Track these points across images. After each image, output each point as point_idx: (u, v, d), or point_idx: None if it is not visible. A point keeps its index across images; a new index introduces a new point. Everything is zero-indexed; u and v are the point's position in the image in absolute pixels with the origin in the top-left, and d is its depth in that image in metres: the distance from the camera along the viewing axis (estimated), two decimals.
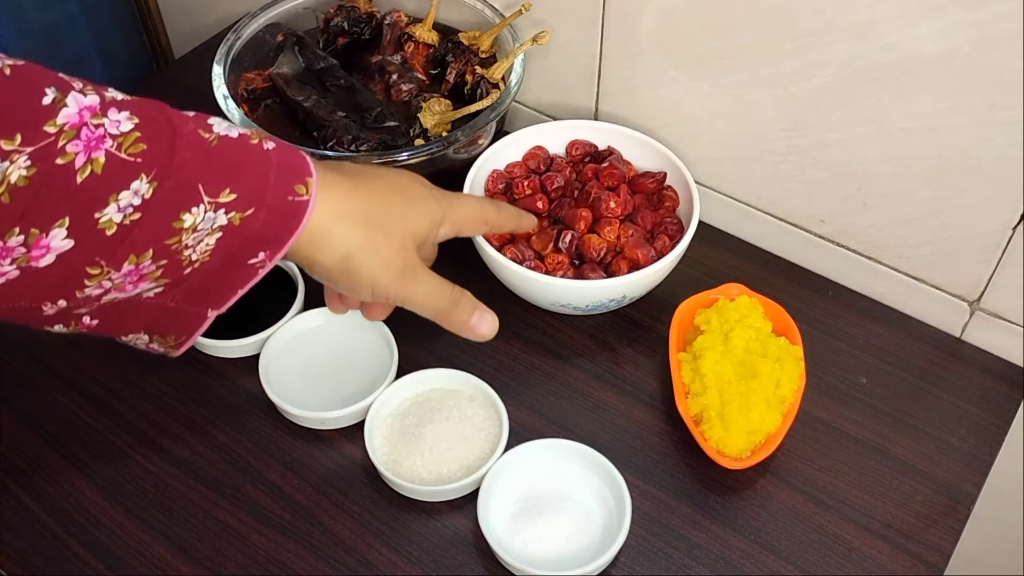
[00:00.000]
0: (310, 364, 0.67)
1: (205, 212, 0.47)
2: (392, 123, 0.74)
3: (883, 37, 0.62)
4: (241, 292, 0.53)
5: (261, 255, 0.51)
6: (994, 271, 0.68)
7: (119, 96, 0.46)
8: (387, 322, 0.68)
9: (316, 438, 0.65)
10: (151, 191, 0.45)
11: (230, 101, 0.72)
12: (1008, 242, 0.66)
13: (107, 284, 0.47)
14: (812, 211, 0.74)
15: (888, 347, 0.71)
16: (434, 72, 0.80)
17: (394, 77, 0.77)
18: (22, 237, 0.43)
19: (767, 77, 0.69)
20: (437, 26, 0.81)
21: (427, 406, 0.65)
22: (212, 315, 0.54)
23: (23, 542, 0.60)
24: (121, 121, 0.45)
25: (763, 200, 0.76)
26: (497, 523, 0.60)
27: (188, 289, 0.51)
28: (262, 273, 0.52)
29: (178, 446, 0.65)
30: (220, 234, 0.49)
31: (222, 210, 0.48)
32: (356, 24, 0.81)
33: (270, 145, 0.51)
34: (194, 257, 0.49)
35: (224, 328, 0.65)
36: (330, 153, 0.70)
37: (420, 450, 0.62)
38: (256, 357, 0.67)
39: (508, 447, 0.62)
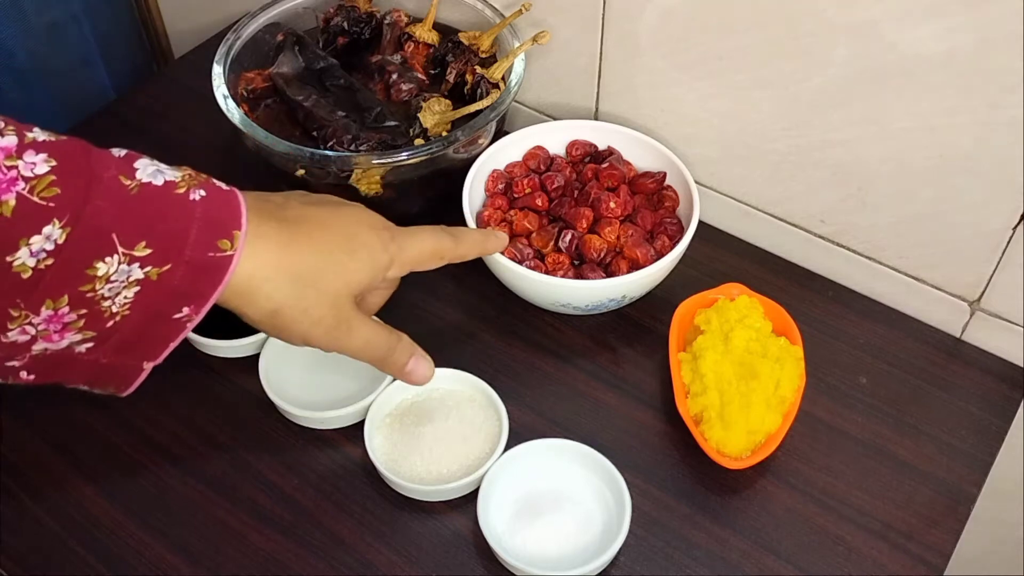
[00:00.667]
0: (310, 364, 0.67)
1: (119, 264, 0.46)
2: (392, 123, 0.74)
3: (883, 37, 0.62)
4: (173, 345, 0.51)
5: (185, 310, 0.50)
6: (994, 271, 0.68)
7: (41, 137, 0.45)
8: (387, 322, 0.68)
9: (316, 438, 0.65)
10: (64, 236, 0.44)
11: (230, 101, 0.72)
12: (1008, 242, 0.66)
13: (31, 331, 0.46)
14: (812, 211, 0.74)
15: (888, 347, 0.71)
16: (434, 72, 0.80)
17: (394, 77, 0.77)
18: None
19: (767, 77, 0.69)
20: (437, 26, 0.81)
21: (427, 406, 0.65)
22: (149, 367, 0.52)
23: (23, 542, 0.60)
24: (37, 163, 0.44)
25: (763, 200, 0.76)
26: (497, 523, 0.60)
27: (117, 344, 0.49)
28: (191, 327, 0.51)
29: (178, 446, 0.65)
30: (138, 288, 0.47)
31: (136, 264, 0.47)
32: (356, 24, 0.81)
33: (198, 194, 0.49)
34: (114, 309, 0.48)
35: (224, 328, 0.65)
36: (330, 153, 0.70)
37: (420, 450, 0.62)
38: (256, 357, 0.67)
39: (508, 447, 0.62)
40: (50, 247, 0.44)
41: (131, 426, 0.66)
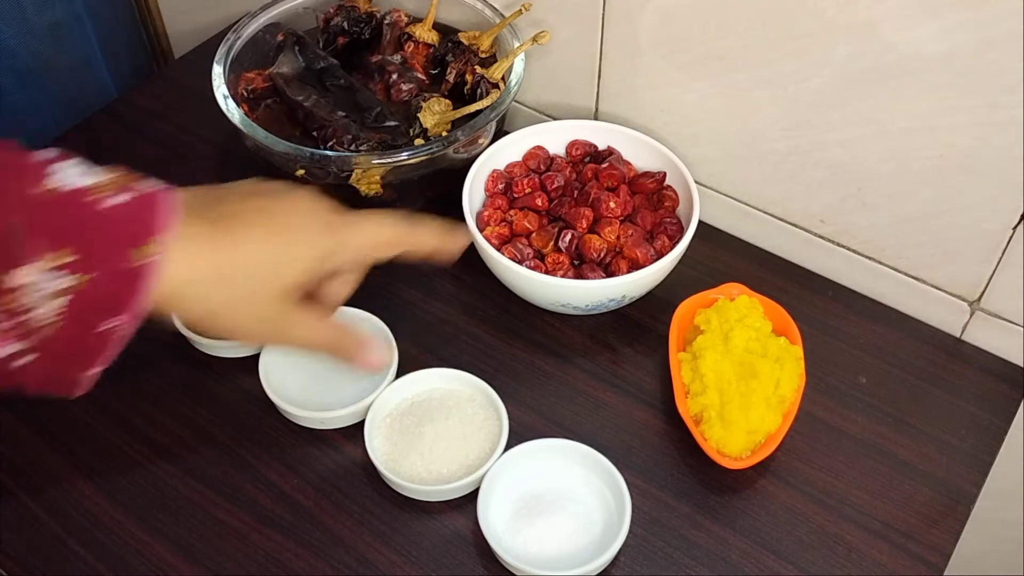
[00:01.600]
0: (310, 364, 0.67)
1: (40, 272, 0.45)
2: (392, 123, 0.74)
3: (883, 37, 0.62)
4: (112, 354, 0.49)
5: (115, 320, 0.47)
6: (994, 271, 0.68)
7: None
8: (387, 322, 0.68)
9: (316, 438, 0.65)
10: None
11: (230, 101, 0.72)
12: (1008, 242, 0.66)
13: None
14: (812, 211, 0.74)
15: (888, 347, 0.71)
16: (434, 72, 0.80)
17: (394, 77, 0.77)
18: None
19: (767, 77, 0.69)
20: (437, 26, 0.81)
21: (427, 406, 0.65)
22: (92, 373, 0.49)
23: (23, 542, 0.60)
24: None
25: (763, 200, 0.76)
26: (497, 523, 0.60)
27: (56, 355, 0.47)
28: (126, 336, 0.48)
29: (178, 446, 0.65)
30: (72, 296, 0.46)
31: (60, 273, 0.45)
32: (356, 24, 0.81)
33: (116, 200, 0.47)
34: (43, 316, 0.46)
35: None
36: (330, 153, 0.70)
37: (420, 450, 0.62)
38: (256, 357, 0.67)
39: (508, 447, 0.62)
40: None
41: (131, 426, 0.66)
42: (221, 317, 0.52)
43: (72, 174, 0.47)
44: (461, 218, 0.69)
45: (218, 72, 0.74)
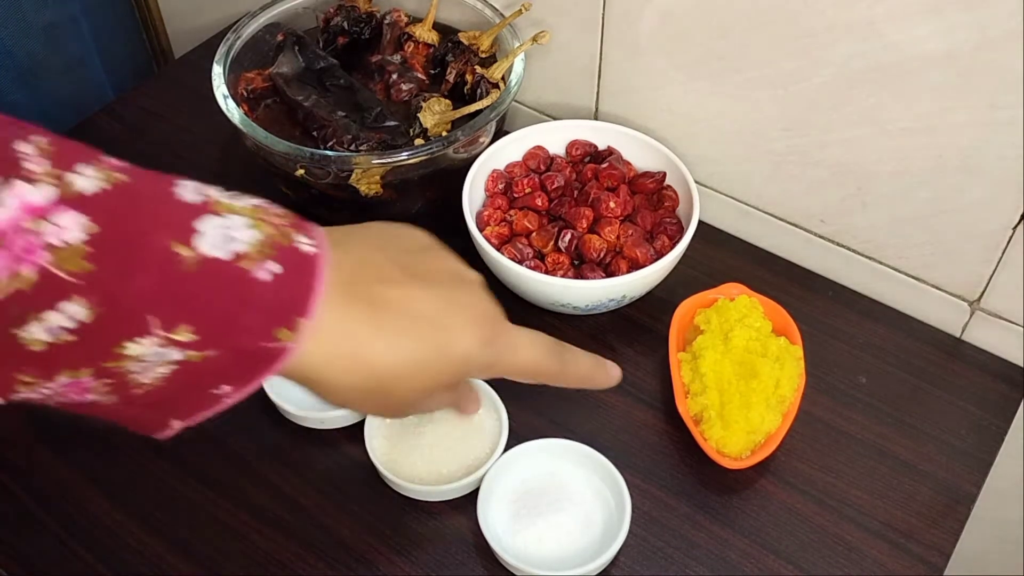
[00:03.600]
0: None
1: (153, 346, 0.38)
2: (392, 123, 0.74)
3: (883, 37, 0.62)
4: (208, 414, 0.44)
5: (226, 388, 0.42)
6: (994, 271, 0.68)
7: (92, 188, 0.37)
8: None
9: (316, 438, 0.65)
10: (90, 316, 0.36)
11: (230, 101, 0.72)
12: (1008, 242, 0.66)
13: (46, 391, 0.39)
14: (812, 211, 0.74)
15: (888, 347, 0.71)
16: (434, 72, 0.80)
17: (394, 77, 0.77)
18: None
19: (767, 77, 0.69)
20: (437, 26, 0.81)
21: None
22: (178, 425, 0.44)
23: (23, 542, 0.60)
24: (70, 228, 0.35)
25: (763, 200, 0.76)
26: (497, 523, 0.60)
27: (147, 403, 0.42)
28: (230, 403, 0.43)
29: (178, 446, 0.64)
30: (177, 367, 0.40)
31: (175, 347, 0.39)
32: (356, 24, 0.81)
33: (270, 271, 0.40)
34: (144, 381, 0.40)
35: None
36: (330, 153, 0.70)
37: (420, 450, 0.62)
38: None
39: (508, 447, 0.62)
40: (71, 325, 0.36)
41: None
42: (348, 404, 0.47)
43: (218, 237, 0.39)
44: (461, 218, 0.69)
45: (218, 72, 0.74)
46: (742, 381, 0.63)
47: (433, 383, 0.47)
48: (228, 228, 0.40)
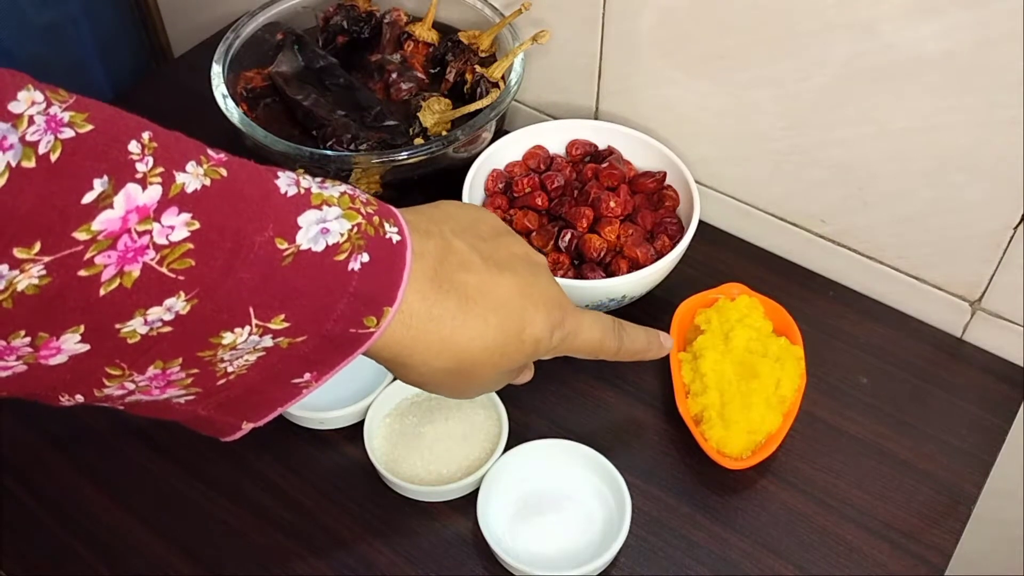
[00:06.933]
0: None
1: (250, 335, 0.40)
2: (392, 122, 0.74)
3: (883, 37, 0.62)
4: (281, 410, 0.46)
5: (307, 376, 0.44)
6: (995, 271, 0.68)
7: (194, 185, 0.38)
8: None
9: (316, 438, 0.65)
10: (188, 308, 0.38)
11: (229, 100, 0.72)
12: (1009, 242, 0.66)
13: (130, 386, 0.40)
14: (812, 211, 0.74)
15: (889, 347, 0.71)
16: (434, 71, 0.80)
17: (394, 76, 0.77)
18: (28, 339, 0.36)
19: (767, 76, 0.69)
20: (437, 25, 0.81)
21: (427, 406, 0.65)
22: (248, 427, 0.46)
23: (23, 542, 0.60)
24: (176, 227, 0.37)
25: (763, 200, 0.76)
26: (497, 523, 0.60)
27: (221, 400, 0.44)
28: (307, 393, 0.45)
29: (178, 445, 0.65)
30: (263, 353, 0.42)
31: (269, 335, 0.41)
32: (355, 23, 0.81)
33: (360, 260, 0.42)
34: (230, 370, 0.42)
35: None
36: (329, 152, 0.70)
37: (420, 450, 0.62)
38: None
39: (508, 447, 0.62)
40: (169, 317, 0.38)
41: (131, 426, 0.66)
42: (423, 383, 0.49)
43: (314, 231, 0.41)
44: None
45: (217, 71, 0.74)
46: (743, 381, 0.63)
47: (508, 366, 0.50)
48: (324, 221, 0.42)
